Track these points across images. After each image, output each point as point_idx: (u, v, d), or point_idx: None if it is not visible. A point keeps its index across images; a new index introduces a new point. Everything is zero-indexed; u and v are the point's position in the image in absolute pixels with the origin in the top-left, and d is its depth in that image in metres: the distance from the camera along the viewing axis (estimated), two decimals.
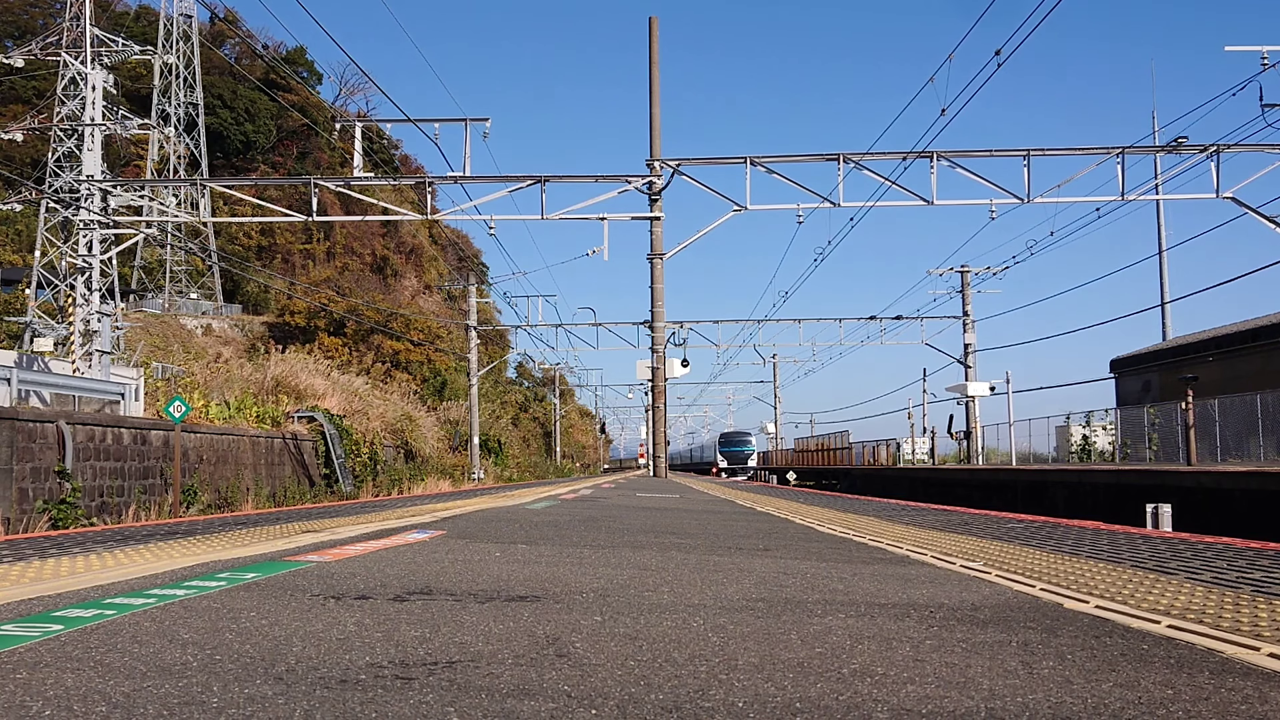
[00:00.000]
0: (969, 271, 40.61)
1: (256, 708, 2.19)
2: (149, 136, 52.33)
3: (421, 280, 67.63)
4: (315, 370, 33.27)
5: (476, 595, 3.96)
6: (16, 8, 63.37)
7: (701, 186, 24.29)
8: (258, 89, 62.12)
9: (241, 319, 54.44)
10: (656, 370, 27.13)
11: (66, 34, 38.04)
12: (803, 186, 23.53)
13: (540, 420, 79.11)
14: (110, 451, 17.63)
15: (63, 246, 29.99)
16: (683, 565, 5.20)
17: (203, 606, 3.61)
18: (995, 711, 2.21)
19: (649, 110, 27.10)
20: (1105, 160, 22.86)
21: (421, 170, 71.88)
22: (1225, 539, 6.77)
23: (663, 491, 17.97)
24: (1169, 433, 29.25)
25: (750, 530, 7.96)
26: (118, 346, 26.26)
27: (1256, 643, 2.96)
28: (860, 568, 5.15)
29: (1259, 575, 4.61)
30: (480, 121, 23.35)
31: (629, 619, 3.41)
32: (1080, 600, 3.88)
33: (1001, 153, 23.34)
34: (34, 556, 5.44)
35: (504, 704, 2.24)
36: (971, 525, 8.26)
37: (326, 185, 24.54)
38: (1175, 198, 24.14)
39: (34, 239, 40.44)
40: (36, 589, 4.03)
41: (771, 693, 2.37)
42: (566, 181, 23.93)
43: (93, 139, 25.49)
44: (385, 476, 29.81)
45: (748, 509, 11.57)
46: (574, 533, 7.48)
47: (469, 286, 46.52)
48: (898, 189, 23.07)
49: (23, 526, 14.46)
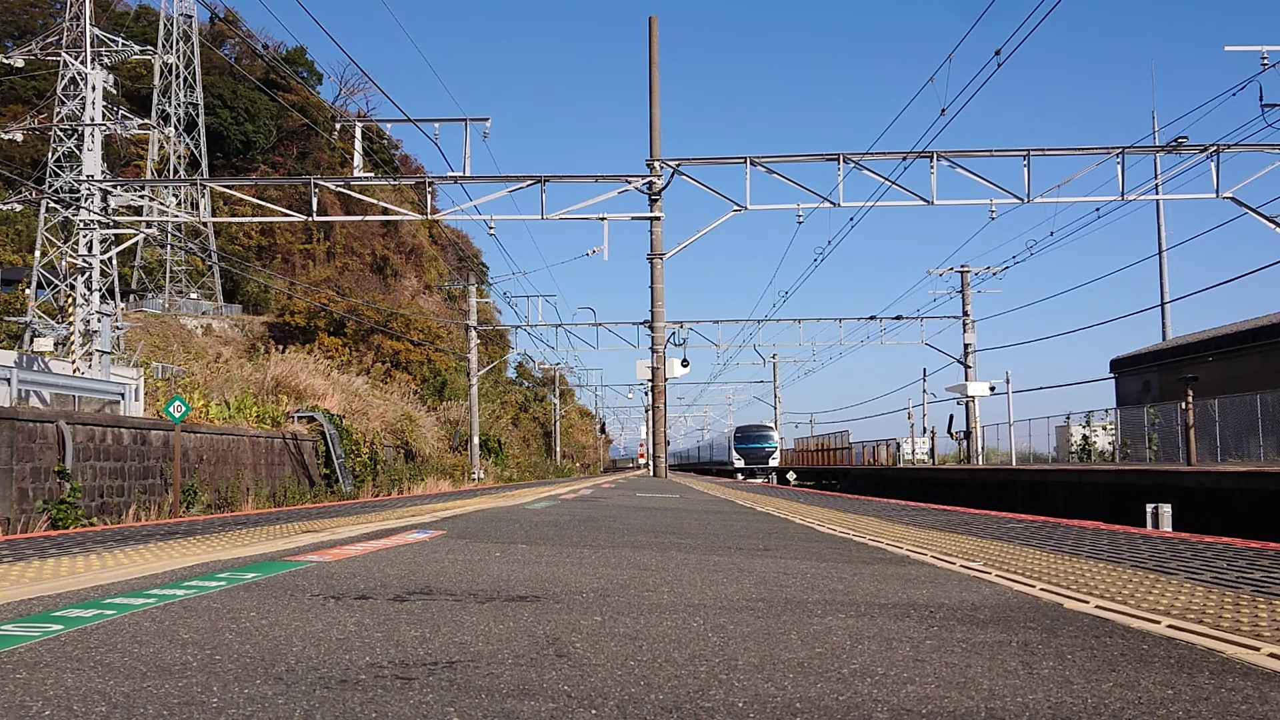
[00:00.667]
0: (969, 271, 40.61)
1: (256, 708, 2.19)
2: (149, 136, 52.36)
3: (421, 280, 67.63)
4: (315, 370, 33.27)
5: (476, 595, 3.95)
6: (16, 8, 63.36)
7: (701, 186, 24.30)
8: (258, 89, 62.11)
9: (241, 319, 54.44)
10: (656, 370, 27.13)
11: (66, 34, 38.04)
12: (803, 186, 23.55)
13: (540, 420, 79.11)
14: (110, 451, 17.63)
15: (63, 246, 30.00)
16: (683, 565, 5.20)
17: (203, 606, 3.61)
18: (995, 711, 2.21)
19: (649, 110, 27.11)
20: (1105, 160, 22.87)
21: (421, 170, 71.90)
22: (1225, 539, 6.76)
23: (663, 491, 17.96)
24: (1169, 433, 29.26)
25: (750, 530, 7.96)
26: (118, 346, 26.27)
27: (1256, 643, 2.96)
28: (860, 568, 5.15)
29: (1259, 575, 4.61)
30: (480, 121, 23.36)
31: (629, 619, 3.41)
32: (1080, 600, 3.88)
33: (1001, 153, 23.34)
34: (34, 556, 5.44)
35: (504, 704, 2.24)
36: (971, 525, 8.26)
37: (326, 185, 24.54)
38: (1175, 198, 24.15)
39: (34, 239, 40.44)
40: (36, 589, 4.03)
41: (771, 693, 2.37)
42: (566, 181, 23.94)
43: (93, 139, 25.49)
44: (385, 476, 29.81)
45: (748, 509, 11.57)
46: (574, 533, 7.48)
47: (469, 286, 46.53)
48: (898, 189, 23.08)
49: (22, 526, 14.46)
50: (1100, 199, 24.08)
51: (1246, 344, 33.57)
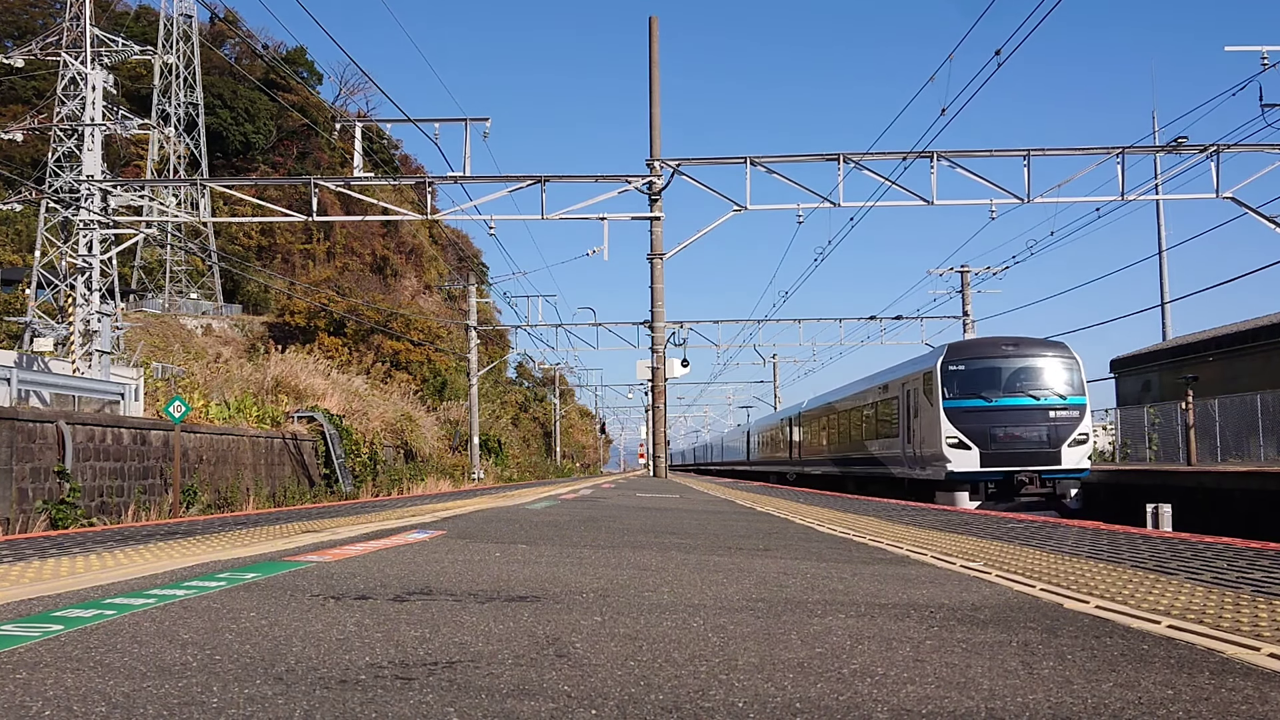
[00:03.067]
0: (969, 271, 40.60)
1: (256, 708, 2.19)
2: (149, 136, 52.35)
3: (421, 280, 67.64)
4: (315, 370, 33.27)
5: (476, 595, 3.95)
6: (16, 7, 63.36)
7: (701, 186, 24.28)
8: (258, 89, 62.09)
9: (241, 319, 54.43)
10: (656, 370, 27.12)
11: (66, 34, 37.99)
12: (803, 186, 23.53)
13: (540, 420, 79.09)
14: (110, 452, 17.63)
15: (63, 246, 29.98)
16: (683, 565, 5.20)
17: (203, 606, 3.61)
18: (995, 711, 2.21)
19: (649, 110, 27.09)
20: (1105, 160, 22.85)
21: (421, 170, 71.85)
22: (1225, 539, 6.76)
23: (663, 492, 17.96)
24: (1169, 433, 29.23)
25: (750, 530, 7.96)
26: (118, 346, 26.24)
27: (1256, 643, 2.95)
28: (860, 568, 5.15)
29: (1259, 575, 4.61)
30: (480, 121, 23.34)
31: (629, 619, 3.41)
32: (1080, 600, 3.88)
33: (1001, 153, 23.34)
34: (34, 556, 5.43)
35: (504, 704, 2.24)
36: (971, 525, 8.26)
37: (326, 185, 24.53)
38: (1175, 198, 24.14)
39: (34, 239, 40.42)
40: (36, 589, 4.03)
41: (771, 693, 2.37)
42: (566, 181, 23.93)
43: (93, 139, 25.48)
44: (385, 476, 29.79)
45: (748, 509, 11.57)
46: (574, 533, 7.48)
47: (469, 286, 46.51)
48: (898, 189, 23.06)
49: (22, 527, 14.45)
50: (1100, 199, 24.07)
51: (1246, 344, 33.56)
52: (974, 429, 19.63)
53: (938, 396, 20.20)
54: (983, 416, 19.74)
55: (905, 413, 22.65)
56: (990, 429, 19.62)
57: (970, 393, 20.02)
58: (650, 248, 25.92)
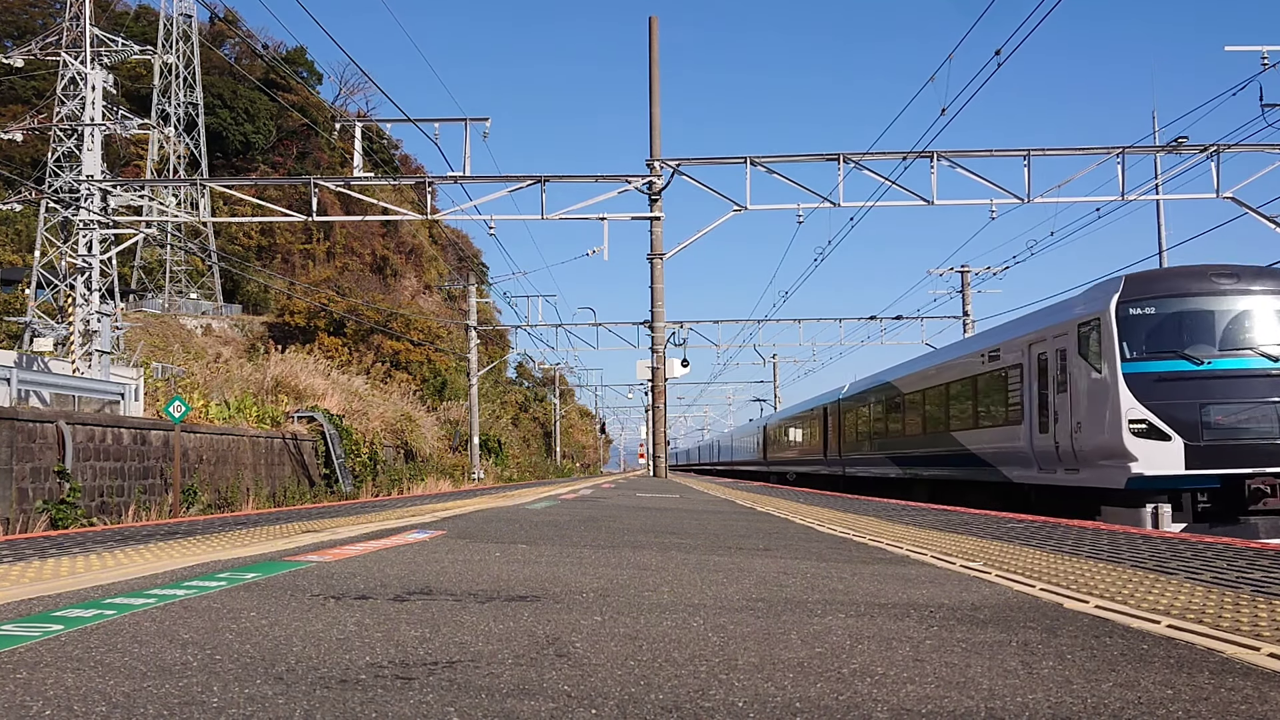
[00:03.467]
0: (969, 271, 40.59)
1: (256, 708, 2.19)
2: (149, 136, 52.33)
3: (421, 280, 67.63)
4: (315, 370, 33.27)
5: (477, 595, 3.95)
6: (16, 7, 63.36)
7: (701, 186, 24.28)
8: (258, 89, 62.09)
9: (241, 319, 54.43)
10: (656, 370, 27.12)
11: (66, 34, 38.00)
12: (803, 186, 23.53)
13: (540, 420, 79.10)
14: (110, 451, 17.63)
15: (62, 246, 29.97)
16: (683, 565, 5.20)
17: (203, 606, 3.61)
18: (995, 711, 2.21)
19: (649, 110, 27.08)
20: (1105, 160, 22.85)
21: (421, 170, 71.84)
22: (1225, 539, 6.77)
23: (663, 492, 17.97)
24: None
25: (750, 530, 7.96)
26: (117, 346, 26.24)
27: (1256, 643, 2.96)
28: (860, 568, 5.15)
29: (1259, 575, 4.61)
30: (480, 121, 23.34)
31: (629, 619, 3.41)
32: (1080, 600, 3.88)
33: (1001, 153, 23.34)
34: (34, 556, 5.43)
35: (504, 704, 2.24)
36: (971, 525, 8.26)
37: (326, 185, 24.53)
38: (1175, 198, 24.13)
39: (34, 239, 40.43)
40: (36, 589, 4.03)
41: (771, 693, 2.37)
42: (566, 181, 23.93)
43: (92, 139, 25.48)
44: (385, 476, 29.79)
45: (748, 509, 11.57)
46: (574, 533, 7.48)
47: (469, 286, 46.50)
48: (898, 189, 23.06)
49: (22, 526, 14.45)
50: (1100, 199, 24.07)
51: None
52: (1175, 408, 12.60)
53: (1113, 355, 13.06)
54: (1190, 388, 12.72)
55: (1035, 386, 15.35)
56: (1203, 408, 12.61)
57: (1166, 350, 12.97)
58: (650, 248, 25.92)
